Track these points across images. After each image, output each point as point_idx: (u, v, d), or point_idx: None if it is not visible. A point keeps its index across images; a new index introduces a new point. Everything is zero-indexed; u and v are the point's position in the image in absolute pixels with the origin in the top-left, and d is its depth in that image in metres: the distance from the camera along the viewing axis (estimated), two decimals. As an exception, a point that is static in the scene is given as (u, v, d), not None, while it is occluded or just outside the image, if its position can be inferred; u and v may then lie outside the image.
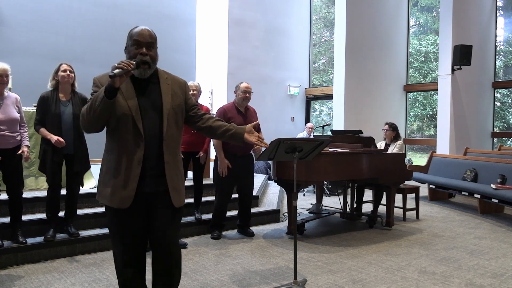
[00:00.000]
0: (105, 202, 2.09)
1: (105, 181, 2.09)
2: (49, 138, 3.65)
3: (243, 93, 4.48)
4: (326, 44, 13.02)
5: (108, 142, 2.12)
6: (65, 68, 3.78)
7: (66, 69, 3.78)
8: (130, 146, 2.03)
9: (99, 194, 2.14)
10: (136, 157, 2.03)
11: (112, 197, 2.05)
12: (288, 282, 3.21)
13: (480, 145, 9.48)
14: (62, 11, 8.96)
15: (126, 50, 2.14)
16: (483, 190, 5.78)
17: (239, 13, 10.13)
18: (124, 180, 2.03)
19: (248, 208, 4.77)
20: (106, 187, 2.07)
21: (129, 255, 2.13)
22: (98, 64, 9.03)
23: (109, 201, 2.07)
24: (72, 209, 3.95)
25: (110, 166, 2.07)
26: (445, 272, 3.56)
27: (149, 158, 2.06)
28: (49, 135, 3.66)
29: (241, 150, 4.46)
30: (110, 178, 2.06)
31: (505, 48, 10.49)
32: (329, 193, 7.54)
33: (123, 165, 2.03)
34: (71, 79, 3.81)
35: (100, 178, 2.13)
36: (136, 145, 2.03)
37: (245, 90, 4.49)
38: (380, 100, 10.44)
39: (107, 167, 2.09)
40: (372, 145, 5.10)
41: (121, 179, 2.03)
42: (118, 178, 2.04)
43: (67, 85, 3.80)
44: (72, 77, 3.82)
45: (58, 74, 3.76)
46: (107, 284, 3.20)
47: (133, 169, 2.03)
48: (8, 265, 3.52)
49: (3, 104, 3.58)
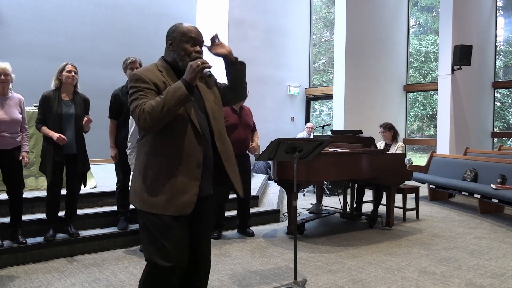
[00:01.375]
0: (157, 210, 1.88)
1: (154, 188, 1.89)
2: (50, 135, 3.65)
3: None
4: (326, 44, 13.02)
5: (154, 144, 1.92)
6: (70, 68, 3.79)
7: (71, 70, 3.79)
8: (188, 147, 1.90)
9: (143, 203, 1.92)
10: (195, 159, 1.91)
11: (168, 205, 1.87)
12: (288, 282, 3.21)
13: (480, 145, 9.48)
14: (62, 11, 8.96)
15: (172, 47, 2.01)
16: (483, 190, 5.78)
17: (239, 13, 10.12)
18: (184, 184, 1.88)
19: (246, 208, 4.77)
20: (158, 195, 1.88)
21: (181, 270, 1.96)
22: (98, 64, 9.06)
23: (164, 209, 1.87)
24: (72, 209, 3.95)
25: (161, 170, 1.89)
26: (445, 272, 3.56)
27: (207, 159, 1.98)
28: (50, 133, 3.66)
29: (236, 149, 4.45)
30: (164, 184, 1.88)
31: (505, 48, 10.49)
32: (329, 193, 7.54)
33: (181, 168, 1.89)
34: (75, 80, 3.82)
35: (143, 187, 1.92)
36: (195, 146, 1.92)
37: None
38: (380, 100, 10.44)
39: (156, 172, 1.90)
40: (372, 145, 5.10)
41: (181, 184, 1.88)
42: (176, 183, 1.88)
43: (70, 85, 3.81)
44: (76, 78, 3.83)
45: (63, 74, 3.77)
46: (107, 284, 3.20)
47: (193, 172, 1.90)
48: (8, 265, 3.52)
49: (6, 105, 3.58)
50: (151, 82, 1.91)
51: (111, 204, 4.54)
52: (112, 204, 4.48)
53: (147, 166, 1.92)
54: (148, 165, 1.92)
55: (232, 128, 4.42)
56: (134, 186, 1.99)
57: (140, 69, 1.97)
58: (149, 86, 1.90)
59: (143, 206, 1.92)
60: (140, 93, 1.87)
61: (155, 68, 1.99)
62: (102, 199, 4.62)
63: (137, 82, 1.90)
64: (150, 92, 1.89)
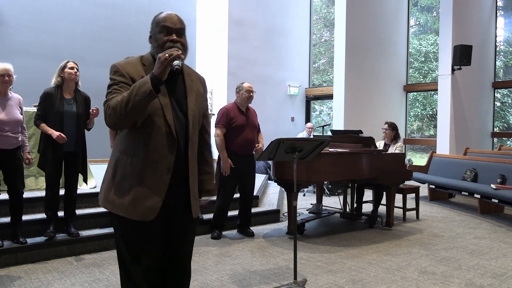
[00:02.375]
0: (120, 212, 1.77)
1: (120, 188, 1.78)
2: (50, 133, 3.64)
3: (247, 92, 4.50)
4: (326, 44, 13.02)
5: (127, 142, 1.81)
6: (72, 65, 3.79)
7: (74, 67, 3.79)
8: (161, 149, 1.77)
9: (108, 202, 1.81)
10: (166, 162, 1.78)
11: (131, 208, 1.75)
12: (288, 282, 3.21)
13: (480, 145, 9.48)
14: (62, 11, 8.96)
15: (151, 39, 1.87)
16: (483, 190, 5.78)
17: (239, 13, 10.12)
18: (150, 187, 1.76)
19: (248, 208, 4.77)
20: (123, 196, 1.76)
21: (152, 277, 1.83)
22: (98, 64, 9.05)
23: (126, 212, 1.76)
24: (72, 208, 3.94)
25: (131, 171, 1.77)
26: (445, 272, 3.56)
27: (178, 164, 1.82)
28: (50, 130, 3.65)
29: (244, 149, 4.48)
30: (131, 185, 1.76)
31: (505, 48, 10.49)
32: (329, 193, 7.54)
33: (149, 170, 1.76)
34: (77, 77, 3.83)
35: (111, 183, 1.81)
36: (168, 148, 1.77)
37: (249, 90, 4.52)
38: (380, 100, 10.44)
39: (125, 171, 1.78)
40: (372, 145, 5.10)
41: (147, 187, 1.76)
42: (143, 186, 1.76)
43: (73, 83, 3.81)
44: (78, 75, 3.83)
45: (65, 71, 3.76)
46: (107, 284, 3.20)
47: (162, 176, 1.77)
48: (8, 265, 3.52)
49: (8, 105, 3.58)
50: (128, 76, 1.76)
51: (111, 204, 4.53)
52: (112, 204, 4.47)
53: (117, 164, 1.82)
54: (119, 162, 1.81)
55: (240, 129, 4.43)
56: (104, 181, 1.88)
57: (121, 61, 1.82)
58: (124, 80, 1.75)
59: (107, 204, 1.82)
60: (114, 87, 1.74)
61: (139, 61, 1.84)
62: (102, 199, 4.61)
63: (115, 75, 1.77)
64: (125, 87, 1.73)
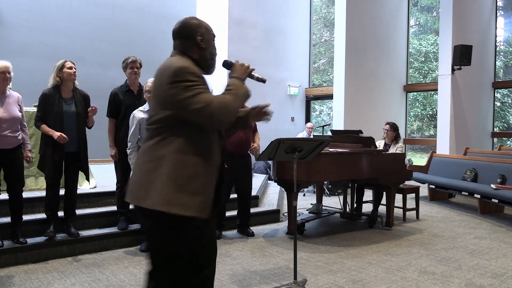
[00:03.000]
0: (191, 213, 1.71)
1: (192, 188, 1.73)
2: (50, 134, 3.64)
3: None
4: (326, 44, 13.02)
5: (188, 142, 1.75)
6: (70, 65, 3.78)
7: (72, 66, 3.79)
8: (215, 149, 1.84)
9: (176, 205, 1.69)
10: (217, 161, 1.86)
11: (202, 207, 1.74)
12: (288, 282, 3.21)
13: (480, 145, 9.48)
14: (62, 11, 8.95)
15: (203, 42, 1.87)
16: (483, 190, 5.78)
17: (239, 13, 10.12)
18: (212, 185, 1.82)
19: (247, 208, 4.77)
20: (195, 195, 1.72)
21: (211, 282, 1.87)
22: (98, 64, 9.05)
23: (198, 211, 1.73)
24: (72, 208, 3.95)
25: (199, 170, 1.75)
26: (445, 272, 3.56)
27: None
28: (50, 131, 3.65)
29: (238, 150, 4.47)
30: (202, 185, 1.75)
31: (505, 48, 10.49)
32: (329, 193, 7.54)
33: (211, 170, 1.81)
34: (76, 76, 3.82)
35: (174, 185, 1.71)
36: (219, 148, 1.87)
37: None
38: (380, 100, 10.43)
39: (195, 171, 1.74)
40: (372, 145, 5.10)
41: (211, 185, 1.81)
42: (212, 184, 1.81)
43: (71, 82, 3.81)
44: (76, 74, 3.82)
45: (63, 71, 3.75)
46: (107, 284, 3.20)
47: (215, 175, 1.84)
48: (8, 265, 3.52)
49: (6, 103, 3.58)
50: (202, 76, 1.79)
51: (111, 204, 4.54)
52: (112, 204, 4.48)
53: (185, 164, 1.73)
54: (187, 163, 1.74)
55: None
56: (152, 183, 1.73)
57: (185, 63, 1.76)
58: (204, 81, 1.77)
59: (173, 207, 1.69)
60: (201, 87, 1.72)
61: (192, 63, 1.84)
62: (102, 199, 4.62)
63: (191, 76, 1.72)
64: (206, 87, 1.76)
